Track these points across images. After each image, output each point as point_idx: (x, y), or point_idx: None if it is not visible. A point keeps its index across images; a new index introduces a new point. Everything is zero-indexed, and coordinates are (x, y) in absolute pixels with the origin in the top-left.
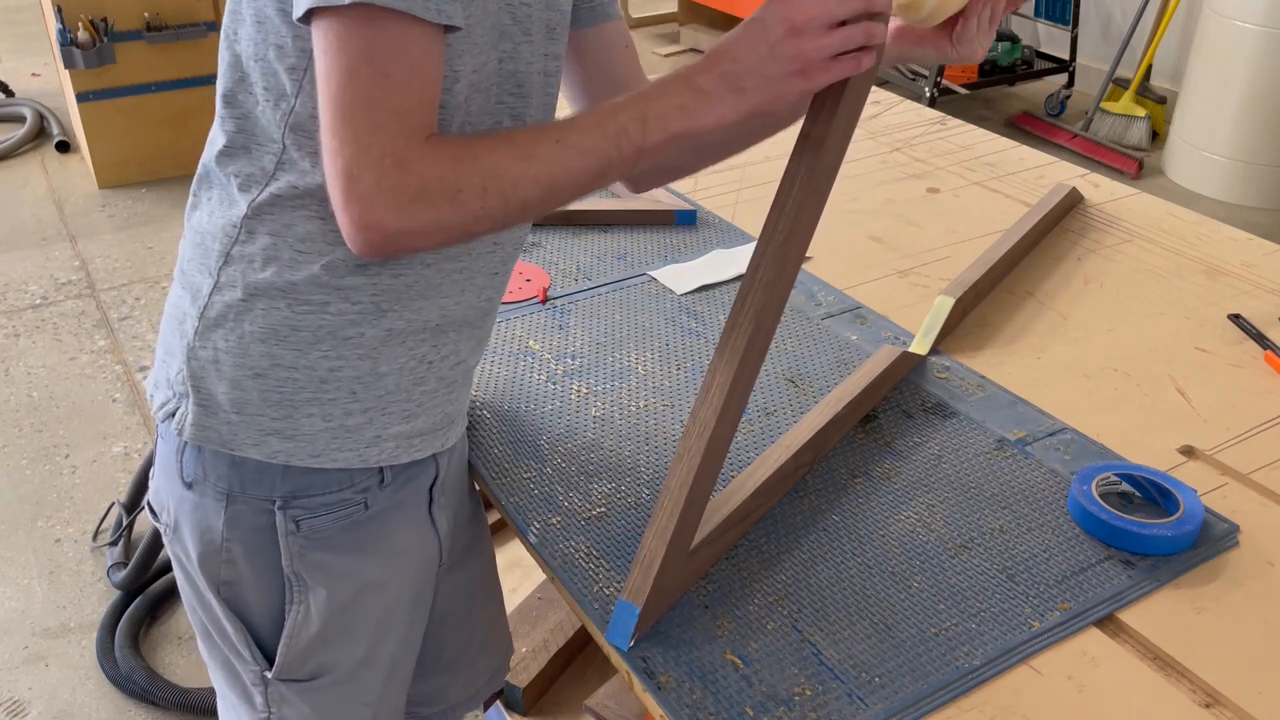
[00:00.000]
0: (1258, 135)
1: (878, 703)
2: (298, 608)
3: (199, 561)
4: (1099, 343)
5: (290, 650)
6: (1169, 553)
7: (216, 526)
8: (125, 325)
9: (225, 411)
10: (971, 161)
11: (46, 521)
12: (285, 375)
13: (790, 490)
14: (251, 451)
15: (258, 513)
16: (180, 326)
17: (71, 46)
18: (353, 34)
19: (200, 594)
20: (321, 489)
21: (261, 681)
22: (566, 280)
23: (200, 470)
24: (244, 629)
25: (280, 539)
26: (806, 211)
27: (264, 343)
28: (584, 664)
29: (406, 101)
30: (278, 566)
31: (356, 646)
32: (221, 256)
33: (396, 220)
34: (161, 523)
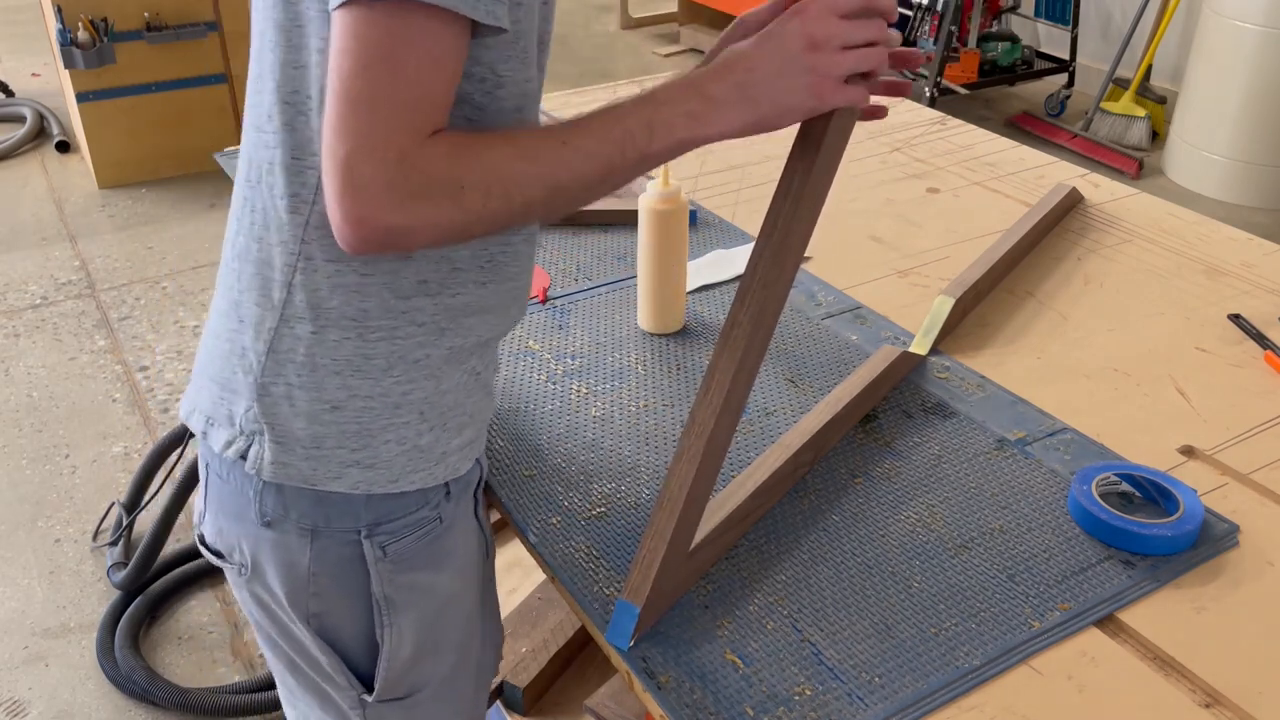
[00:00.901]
0: (1258, 135)
1: (878, 703)
2: (391, 631)
3: (287, 598)
4: (1099, 343)
5: (389, 673)
6: (1169, 553)
7: (303, 562)
8: (125, 325)
9: (304, 447)
10: (971, 161)
11: (46, 521)
12: (362, 405)
13: (790, 490)
14: (334, 485)
15: (344, 544)
16: (241, 361)
17: (71, 46)
18: (376, 23)
19: (285, 628)
20: (402, 512)
21: (360, 705)
22: (566, 280)
23: (281, 509)
24: (337, 657)
25: (370, 567)
26: (805, 211)
27: (339, 375)
28: (584, 664)
29: (418, 96)
30: (367, 593)
31: (446, 658)
32: (284, 287)
33: (395, 216)
34: (232, 563)
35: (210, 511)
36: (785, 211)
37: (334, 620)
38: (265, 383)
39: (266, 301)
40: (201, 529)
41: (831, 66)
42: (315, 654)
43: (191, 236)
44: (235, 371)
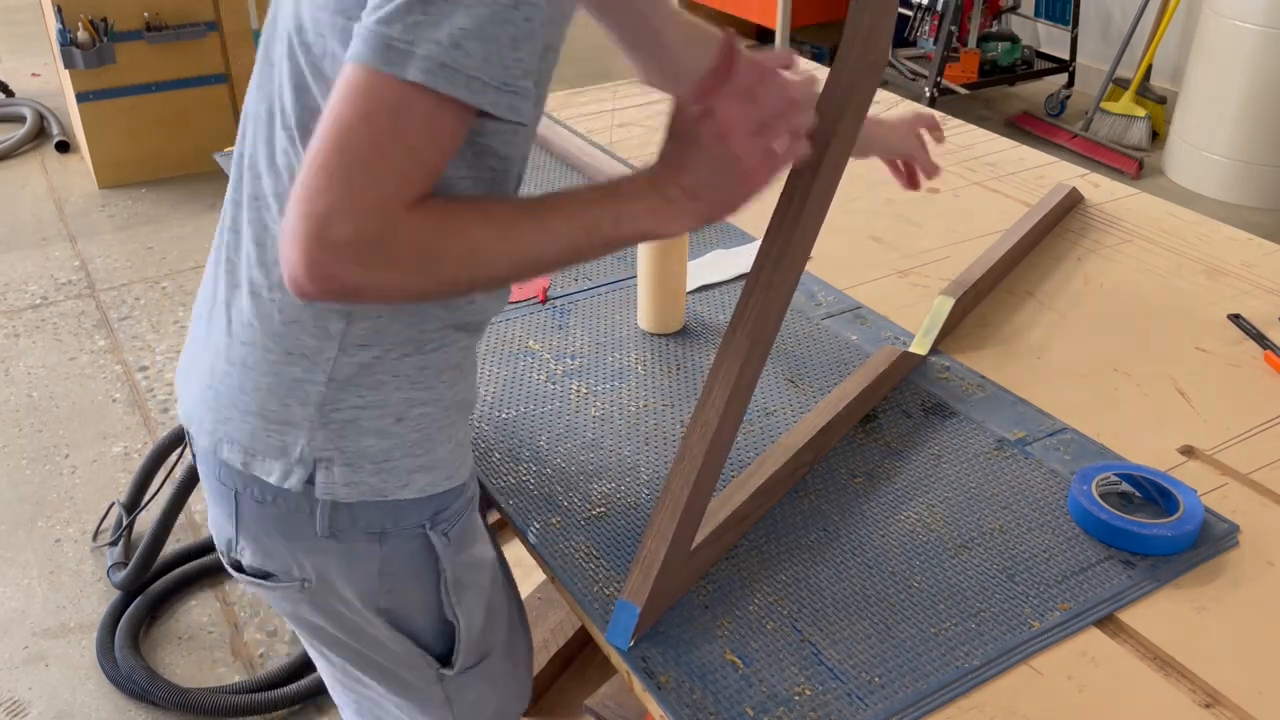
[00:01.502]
0: (1258, 135)
1: (878, 703)
2: (464, 608)
3: (359, 600)
4: (1099, 343)
5: (468, 648)
6: (1169, 553)
7: (373, 564)
8: (125, 325)
9: (373, 463)
10: (971, 161)
11: (46, 521)
12: (421, 413)
13: (790, 490)
14: (403, 494)
15: (411, 539)
16: (293, 393)
17: (71, 46)
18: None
19: (354, 628)
20: (454, 498)
21: (439, 680)
22: (566, 280)
23: (349, 519)
24: (410, 642)
25: (440, 553)
26: (810, 215)
27: (400, 389)
28: (584, 664)
29: (414, 167)
30: (435, 578)
31: (502, 615)
32: (343, 318)
33: (359, 277)
34: (290, 581)
35: (248, 536)
36: (791, 214)
37: (406, 609)
38: (328, 411)
39: (322, 333)
40: (235, 555)
41: (748, 153)
42: (390, 645)
43: (191, 236)
44: (286, 404)
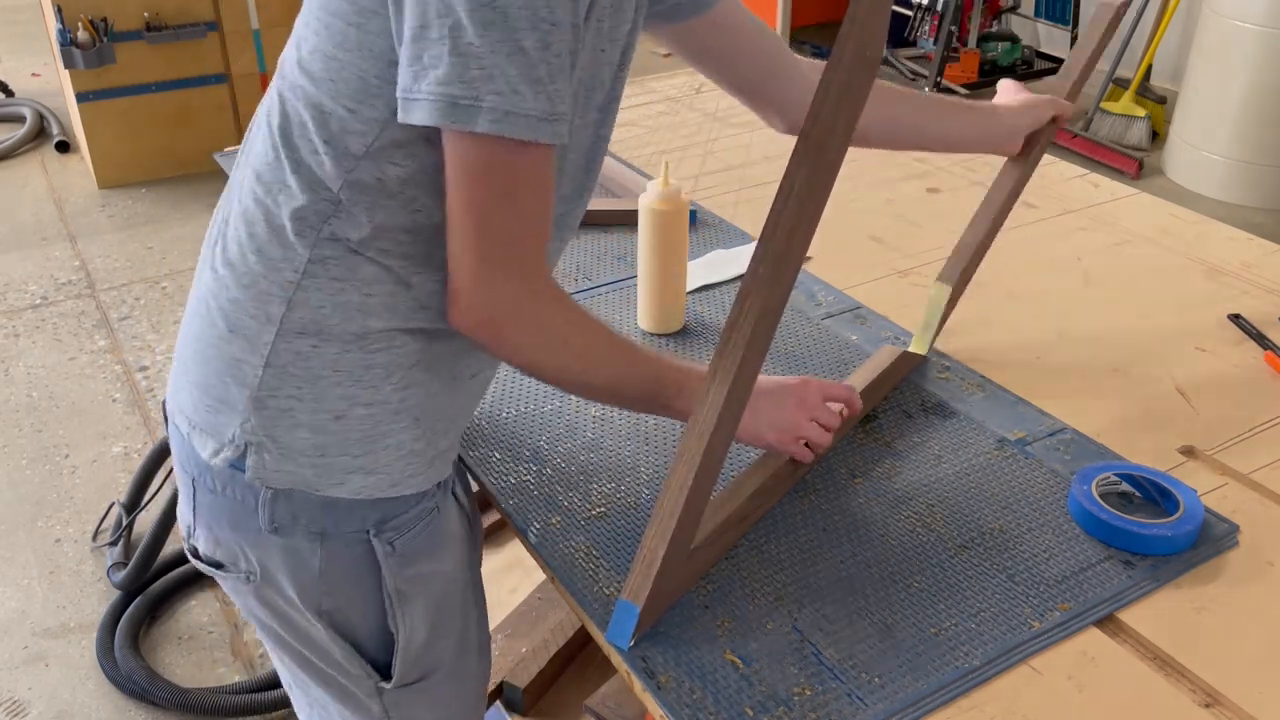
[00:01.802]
0: (1258, 135)
1: (878, 703)
2: (404, 621)
3: (299, 598)
4: (1099, 343)
5: (405, 661)
6: (1169, 553)
7: (314, 564)
8: (125, 325)
9: (307, 456)
10: (971, 161)
11: (46, 521)
12: (364, 413)
13: (790, 490)
14: (337, 491)
15: (354, 544)
16: (233, 373)
17: (71, 46)
18: (494, 160)
19: (297, 626)
20: (405, 508)
21: (377, 693)
22: (566, 280)
23: (289, 515)
24: (351, 649)
25: (381, 562)
26: (806, 212)
27: (339, 386)
28: (584, 664)
29: (540, 224)
30: (378, 587)
31: (452, 637)
32: (284, 303)
33: (513, 333)
34: (236, 571)
35: (202, 524)
36: (787, 212)
37: (347, 615)
38: (263, 396)
39: (262, 315)
40: (193, 542)
41: (802, 430)
42: (329, 648)
43: (191, 236)
44: (226, 382)
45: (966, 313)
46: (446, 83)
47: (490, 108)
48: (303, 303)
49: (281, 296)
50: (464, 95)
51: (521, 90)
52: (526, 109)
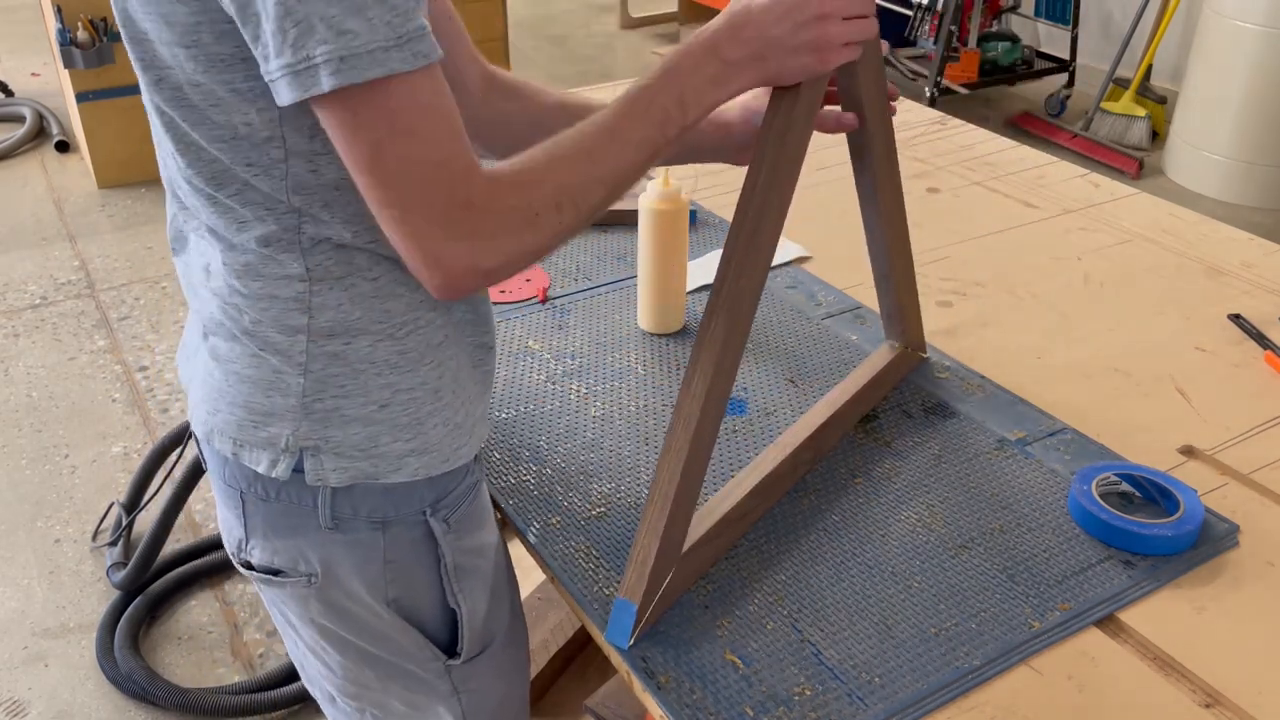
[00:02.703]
0: (1258, 135)
1: (878, 703)
2: (465, 595)
3: (367, 591)
4: (1099, 343)
5: (471, 635)
6: (1169, 553)
7: (378, 555)
8: (125, 325)
9: (362, 449)
10: (971, 161)
11: (46, 521)
12: (407, 398)
13: (790, 490)
14: (395, 477)
15: (413, 526)
16: (275, 385)
17: (71, 46)
18: (359, 109)
19: (361, 623)
20: (455, 483)
21: (445, 672)
22: (566, 280)
23: (350, 509)
24: (418, 633)
25: (440, 540)
26: (775, 199)
27: (380, 375)
28: (584, 664)
29: (443, 149)
30: (437, 566)
31: (504, 605)
32: (304, 313)
33: (484, 260)
34: (296, 576)
35: (257, 535)
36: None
37: (412, 599)
38: (309, 402)
39: (288, 329)
40: (245, 555)
41: (835, 35)
42: (397, 637)
43: None
44: (269, 395)
45: (966, 313)
46: (280, 54)
47: (324, 61)
48: (321, 307)
49: (299, 308)
50: (297, 61)
51: (350, 28)
52: (361, 45)
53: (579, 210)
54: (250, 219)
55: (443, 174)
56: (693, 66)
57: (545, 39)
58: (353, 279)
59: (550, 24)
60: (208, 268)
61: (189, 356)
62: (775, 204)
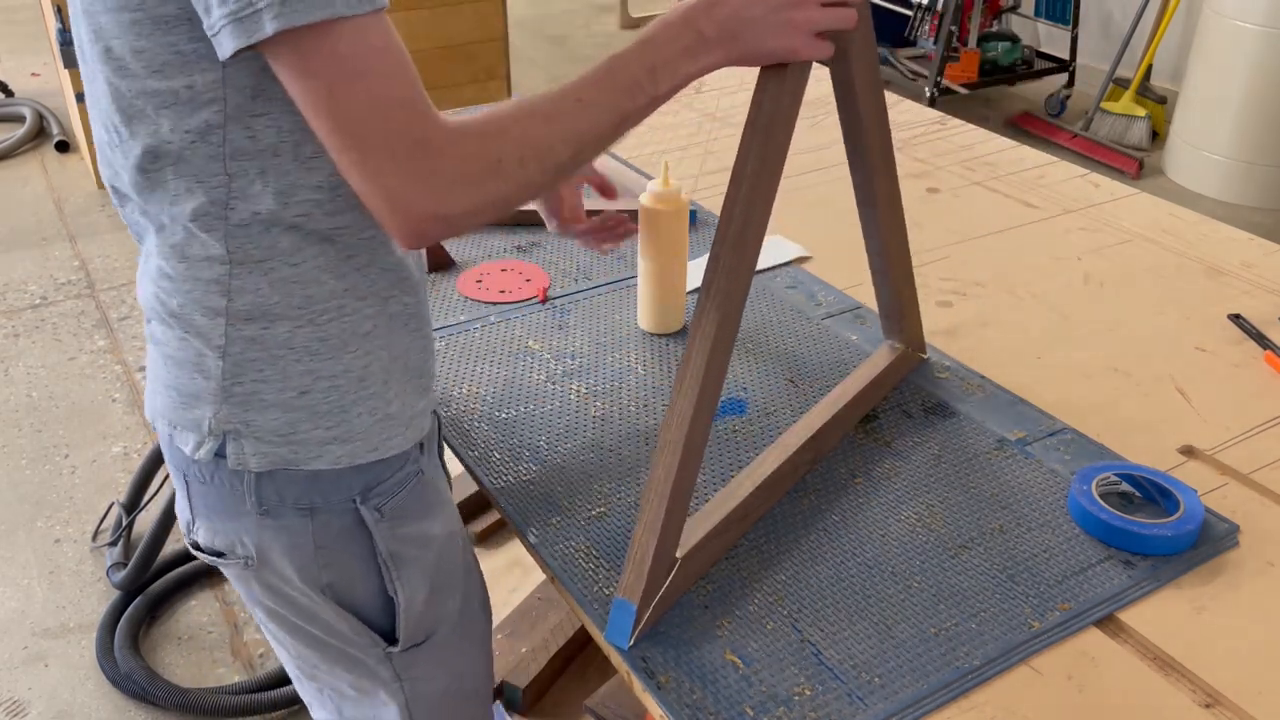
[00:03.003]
0: (1258, 135)
1: (878, 703)
2: (401, 584)
3: (299, 576)
4: (1099, 343)
5: (408, 623)
6: (1169, 553)
7: (307, 540)
8: (125, 325)
9: (281, 435)
10: (971, 161)
11: (46, 521)
12: (328, 385)
13: (790, 490)
14: (316, 464)
15: (343, 514)
16: (197, 368)
17: (71, 46)
18: (309, 54)
19: (301, 606)
20: (389, 473)
21: (386, 659)
22: (566, 280)
23: (276, 495)
24: (355, 619)
25: (371, 529)
26: (761, 197)
27: (299, 362)
28: (584, 664)
29: (398, 88)
30: (372, 554)
31: (453, 595)
32: (223, 295)
33: (446, 205)
34: (235, 558)
35: (199, 516)
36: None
37: (347, 585)
38: (228, 385)
39: (209, 311)
40: (193, 536)
41: (807, 21)
42: (335, 623)
43: None
44: (193, 377)
45: (966, 313)
46: (223, 3)
47: (266, 6)
48: (240, 290)
49: (219, 290)
50: (240, 7)
51: None
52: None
53: (543, 166)
54: (181, 192)
55: (400, 112)
56: (668, 38)
57: (545, 39)
58: (273, 263)
59: (550, 24)
60: (146, 254)
61: None
62: (762, 201)
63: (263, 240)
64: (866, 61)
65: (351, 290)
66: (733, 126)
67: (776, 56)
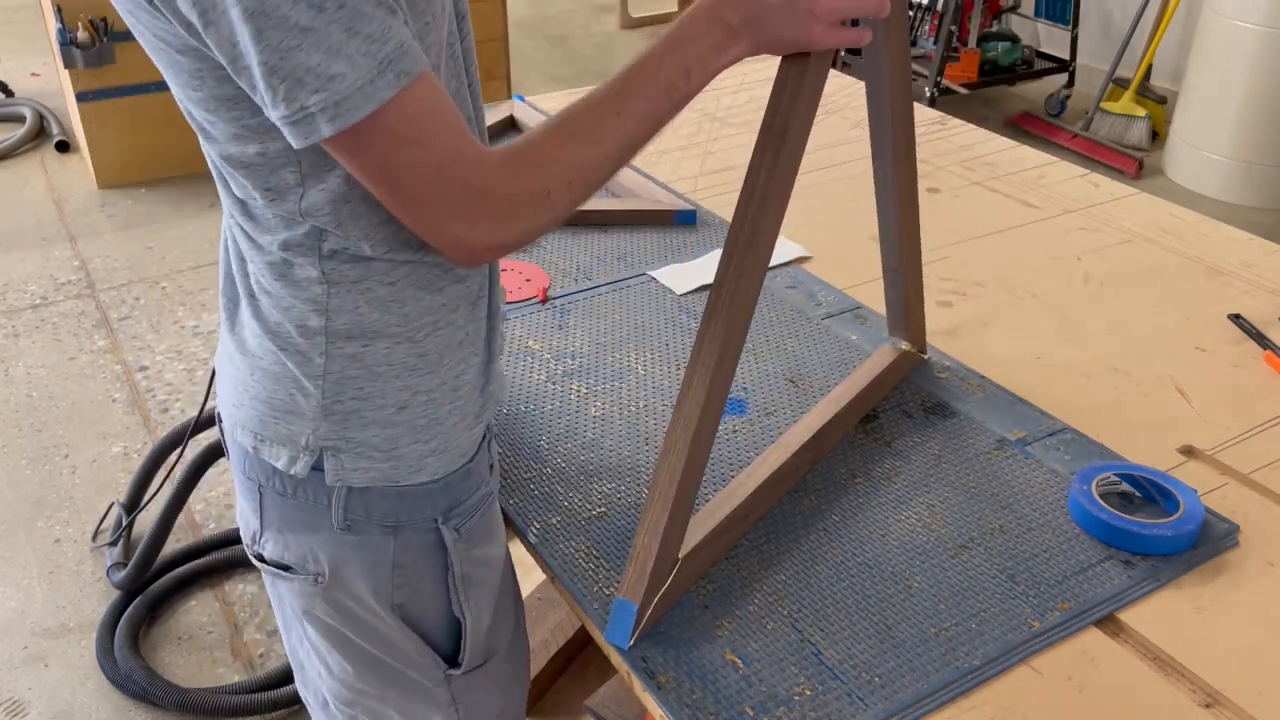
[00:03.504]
0: (1258, 135)
1: (878, 703)
2: (470, 605)
3: (372, 594)
4: (1099, 343)
5: (474, 646)
6: (1169, 553)
7: (386, 559)
8: (125, 325)
9: (381, 451)
10: (971, 161)
11: (46, 521)
12: (426, 399)
13: (790, 490)
14: (417, 477)
15: (425, 533)
16: (295, 385)
17: (71, 46)
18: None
19: (365, 626)
20: (469, 493)
21: (445, 681)
22: (566, 280)
23: (363, 511)
24: (421, 640)
25: (450, 549)
26: (773, 201)
27: (398, 378)
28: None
29: (448, 147)
30: (445, 575)
31: (508, 619)
32: (321, 315)
33: (503, 236)
34: (304, 573)
35: (271, 529)
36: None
37: (418, 606)
38: (328, 403)
39: (306, 330)
40: (258, 548)
41: (831, 10)
42: (400, 643)
43: (191, 236)
44: (291, 394)
45: (966, 313)
46: (275, 107)
47: (320, 110)
48: (338, 309)
49: (317, 310)
50: (292, 113)
51: (336, 71)
52: (350, 84)
53: (589, 186)
54: (274, 224)
55: (453, 170)
56: (696, 34)
57: (545, 39)
58: (369, 283)
59: (550, 24)
60: (244, 262)
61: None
62: (775, 204)
63: (357, 263)
64: (898, 54)
65: (446, 304)
66: (732, 126)
67: (798, 45)
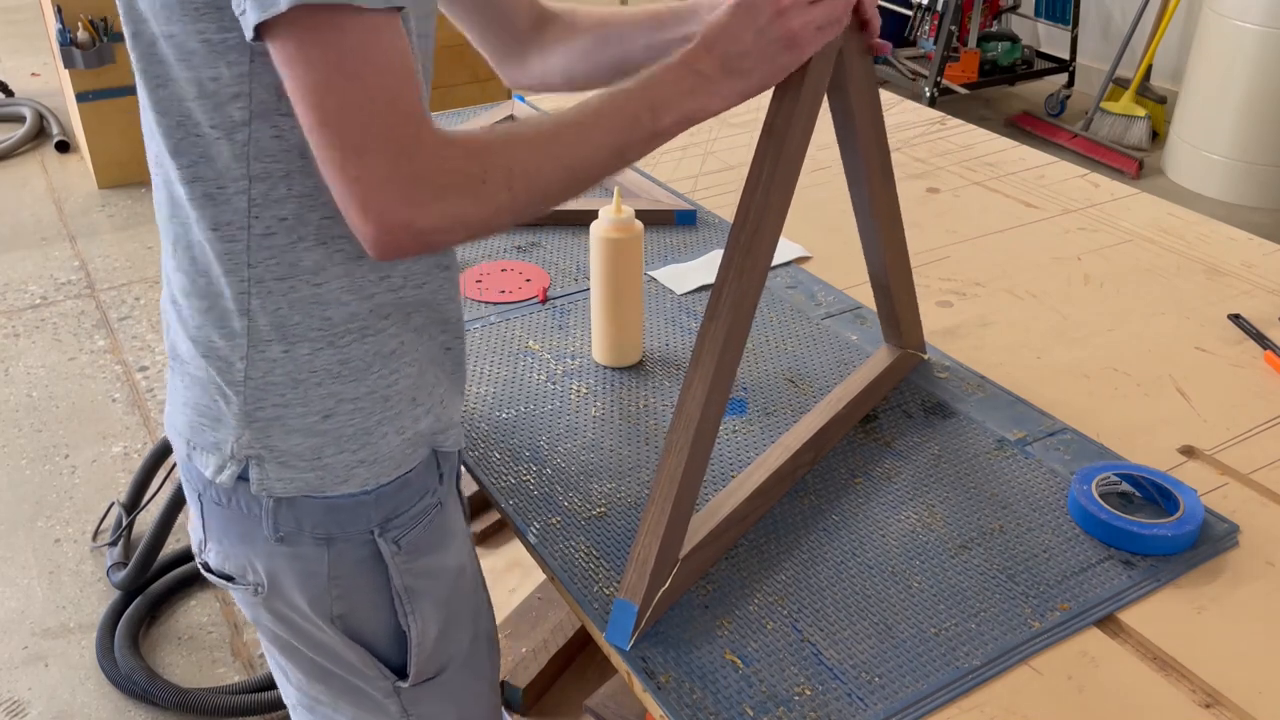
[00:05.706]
0: (1258, 135)
1: (878, 703)
2: (415, 618)
3: (310, 606)
4: (1099, 343)
5: (420, 658)
6: (1169, 553)
7: (322, 570)
8: (125, 325)
9: (305, 460)
10: (971, 161)
11: (46, 521)
12: (352, 408)
13: (790, 490)
14: (343, 489)
15: (360, 545)
16: (219, 391)
17: (71, 46)
18: (311, 43)
19: (309, 636)
20: (408, 504)
21: (394, 693)
22: (566, 280)
23: (294, 523)
24: (366, 651)
25: (388, 561)
26: (775, 201)
27: (321, 385)
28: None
29: (390, 92)
30: (387, 586)
31: (464, 631)
32: (243, 315)
33: (421, 217)
34: (245, 583)
35: (212, 538)
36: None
37: (359, 618)
38: (250, 410)
39: (229, 333)
40: (204, 557)
41: (802, 26)
42: (344, 654)
43: None
44: (215, 400)
45: (966, 313)
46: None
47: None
48: (259, 310)
49: (239, 310)
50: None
51: None
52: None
53: (530, 192)
54: (202, 198)
55: (390, 114)
56: (668, 79)
57: None
58: (294, 281)
59: None
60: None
61: None
62: (776, 205)
63: (285, 256)
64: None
65: (375, 310)
66: (732, 127)
67: (790, 70)
